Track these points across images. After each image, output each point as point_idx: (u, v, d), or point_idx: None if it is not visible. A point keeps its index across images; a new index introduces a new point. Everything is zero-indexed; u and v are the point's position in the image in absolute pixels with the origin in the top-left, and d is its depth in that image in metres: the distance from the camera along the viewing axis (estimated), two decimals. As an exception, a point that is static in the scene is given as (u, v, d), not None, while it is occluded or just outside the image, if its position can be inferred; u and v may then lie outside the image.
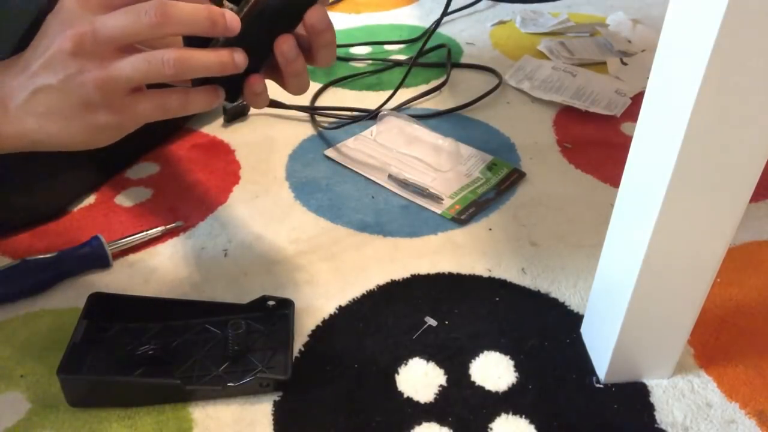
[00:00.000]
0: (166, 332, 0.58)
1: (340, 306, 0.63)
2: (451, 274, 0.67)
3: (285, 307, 0.60)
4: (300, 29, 0.51)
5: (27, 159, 0.71)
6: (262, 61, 0.52)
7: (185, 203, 0.77)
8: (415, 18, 1.28)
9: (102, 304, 0.58)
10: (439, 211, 0.75)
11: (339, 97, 0.99)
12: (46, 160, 0.73)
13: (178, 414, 0.53)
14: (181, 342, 0.58)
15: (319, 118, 0.93)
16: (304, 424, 0.52)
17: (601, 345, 0.55)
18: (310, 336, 0.60)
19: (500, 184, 0.79)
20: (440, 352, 0.58)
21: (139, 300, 0.61)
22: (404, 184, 0.79)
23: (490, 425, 0.52)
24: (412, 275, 0.66)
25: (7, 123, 0.47)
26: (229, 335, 0.56)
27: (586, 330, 0.59)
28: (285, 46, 0.50)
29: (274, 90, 0.56)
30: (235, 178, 0.81)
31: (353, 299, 0.64)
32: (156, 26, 0.44)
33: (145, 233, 0.70)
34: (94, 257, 0.66)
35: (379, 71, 1.06)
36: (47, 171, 0.73)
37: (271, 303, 0.60)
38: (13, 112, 0.47)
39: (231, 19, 0.45)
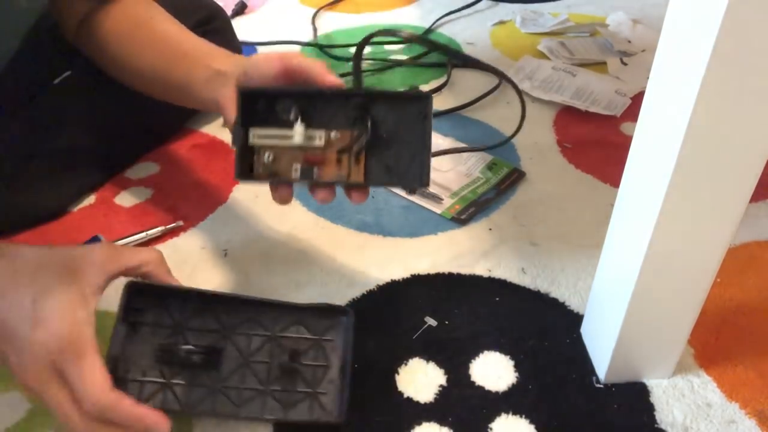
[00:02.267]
0: (209, 329, 0.52)
1: (340, 306, 0.63)
2: (451, 274, 0.67)
3: (342, 315, 0.54)
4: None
5: (27, 159, 0.72)
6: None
7: (185, 203, 0.77)
8: (415, 18, 1.28)
9: (138, 294, 0.51)
10: (439, 211, 0.75)
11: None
12: (47, 160, 0.73)
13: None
14: (226, 345, 0.52)
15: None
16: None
17: (601, 345, 0.55)
18: (310, 336, 0.60)
19: (500, 183, 0.79)
20: (440, 352, 0.58)
21: (181, 291, 0.53)
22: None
23: (490, 425, 0.52)
24: (412, 275, 0.66)
25: None
26: (279, 346, 0.52)
27: (586, 330, 0.59)
28: (325, 195, 0.54)
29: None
30: (235, 178, 0.81)
31: (353, 299, 0.64)
32: None
33: (145, 233, 0.70)
34: (94, 257, 0.66)
35: (379, 71, 1.06)
36: (47, 171, 0.73)
37: (327, 309, 0.55)
38: None
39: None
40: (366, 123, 0.53)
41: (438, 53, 1.11)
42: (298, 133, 0.53)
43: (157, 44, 0.65)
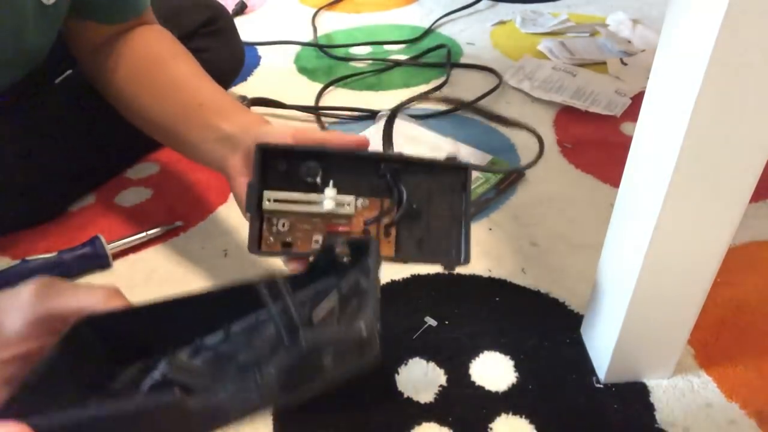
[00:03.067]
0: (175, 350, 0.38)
1: (340, 306, 0.63)
2: (451, 274, 0.67)
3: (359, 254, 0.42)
4: None
5: (28, 159, 0.72)
6: None
7: (185, 203, 0.77)
8: (415, 18, 1.28)
9: (87, 335, 0.38)
10: (439, 211, 0.75)
11: (340, 98, 0.99)
12: (47, 159, 0.73)
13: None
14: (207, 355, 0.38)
15: (323, 119, 0.93)
16: (304, 423, 0.52)
17: (601, 345, 0.55)
18: (310, 336, 0.60)
19: (500, 183, 0.79)
20: (440, 352, 0.58)
21: (134, 313, 0.39)
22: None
23: (490, 425, 0.52)
24: (412, 275, 0.66)
25: None
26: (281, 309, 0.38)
27: (586, 330, 0.59)
28: None
29: (274, 89, 0.56)
30: (235, 178, 0.81)
31: (353, 299, 0.64)
32: None
33: (145, 233, 0.70)
34: (94, 257, 0.66)
35: (380, 71, 1.06)
36: (48, 170, 0.73)
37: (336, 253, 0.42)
38: None
39: None
40: (400, 192, 0.47)
41: (437, 52, 1.11)
42: (329, 197, 0.46)
43: (172, 90, 0.62)
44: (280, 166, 0.47)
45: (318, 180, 0.47)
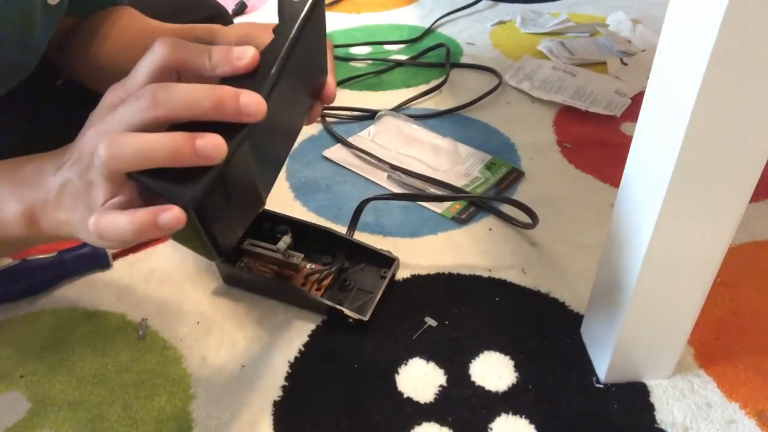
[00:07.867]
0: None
1: (340, 306, 0.63)
2: (451, 274, 0.67)
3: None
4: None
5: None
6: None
7: (185, 203, 0.77)
8: (415, 18, 1.28)
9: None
10: (439, 211, 0.75)
11: (340, 97, 0.99)
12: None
13: (179, 413, 0.53)
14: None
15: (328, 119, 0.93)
16: (304, 424, 0.52)
17: (601, 345, 0.55)
18: (310, 336, 0.60)
19: (499, 183, 0.79)
20: (440, 352, 0.58)
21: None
22: (404, 184, 0.79)
23: (490, 425, 0.52)
24: (412, 275, 0.66)
25: (45, 216, 0.44)
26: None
27: (586, 330, 0.59)
28: None
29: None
30: (235, 178, 0.81)
31: (353, 299, 0.64)
32: (146, 111, 0.38)
33: (145, 233, 0.70)
34: (94, 257, 0.66)
35: (381, 72, 1.06)
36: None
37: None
38: (51, 205, 0.44)
39: (249, 102, 0.39)
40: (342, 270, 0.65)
41: (436, 52, 1.11)
42: (284, 241, 0.63)
43: None
44: (265, 224, 0.66)
45: (286, 238, 0.63)
